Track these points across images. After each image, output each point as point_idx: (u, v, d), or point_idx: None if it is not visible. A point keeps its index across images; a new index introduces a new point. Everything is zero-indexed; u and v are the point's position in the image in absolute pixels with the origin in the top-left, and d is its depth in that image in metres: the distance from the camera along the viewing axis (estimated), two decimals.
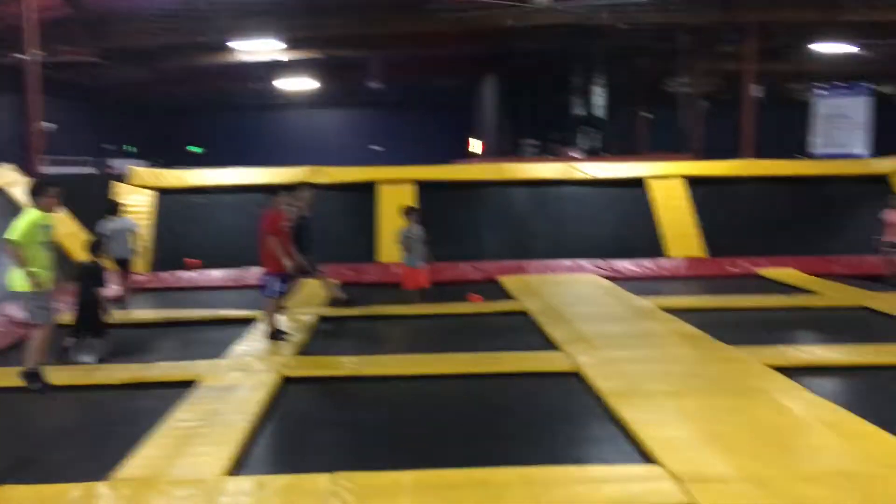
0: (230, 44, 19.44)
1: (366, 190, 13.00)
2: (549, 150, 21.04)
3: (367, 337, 8.33)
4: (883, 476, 4.24)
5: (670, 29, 18.12)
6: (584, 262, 12.07)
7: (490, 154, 23.13)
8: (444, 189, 13.14)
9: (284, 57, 21.35)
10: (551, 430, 5.27)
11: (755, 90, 18.13)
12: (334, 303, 9.37)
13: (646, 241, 12.56)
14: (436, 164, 14.78)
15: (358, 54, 21.45)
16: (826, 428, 4.96)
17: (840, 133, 16.92)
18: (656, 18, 16.89)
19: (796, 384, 5.89)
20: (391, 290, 10.17)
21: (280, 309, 8.04)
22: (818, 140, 17.21)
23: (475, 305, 9.54)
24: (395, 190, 12.80)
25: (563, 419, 5.52)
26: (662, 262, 12.22)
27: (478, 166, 14.29)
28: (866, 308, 9.05)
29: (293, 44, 19.35)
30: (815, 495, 3.97)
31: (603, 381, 6.00)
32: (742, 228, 12.75)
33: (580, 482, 4.18)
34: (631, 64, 22.26)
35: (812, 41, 18.07)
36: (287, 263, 7.70)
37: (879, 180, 13.31)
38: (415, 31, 17.47)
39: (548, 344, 7.51)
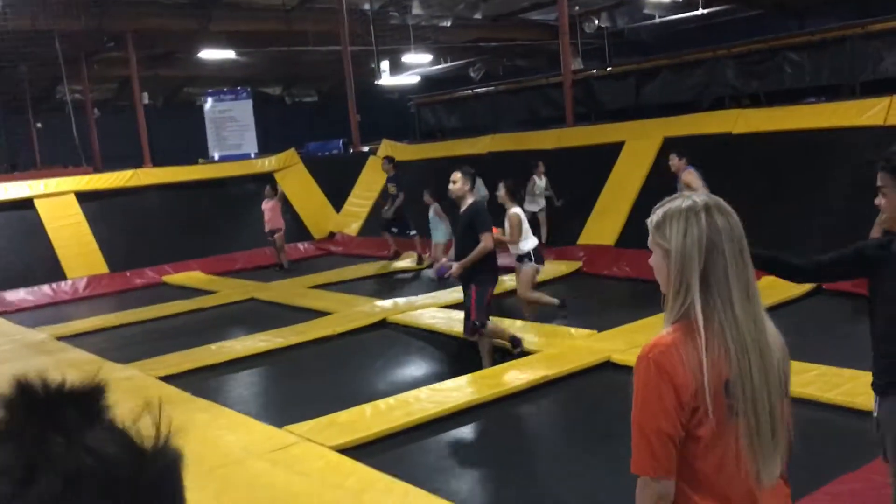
0: None
1: None
2: None
3: None
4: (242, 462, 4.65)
5: (46, 35, 16.98)
6: None
7: None
8: None
9: None
10: None
11: (144, 97, 18.20)
12: None
13: (43, 265, 11.68)
14: None
15: None
16: (200, 429, 5.26)
17: (231, 135, 18.11)
18: (22, 24, 15.64)
19: (180, 390, 6.14)
20: None
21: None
22: (213, 143, 18.15)
23: None
24: None
25: None
26: (62, 284, 11.53)
27: None
28: (255, 299, 9.95)
29: None
30: None
31: None
32: (145, 238, 12.75)
33: None
34: (16, 72, 20.31)
35: (196, 48, 18.84)
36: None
37: (267, 177, 14.67)
38: None
39: None
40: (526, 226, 7.22)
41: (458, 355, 6.84)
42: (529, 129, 13.54)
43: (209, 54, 19.14)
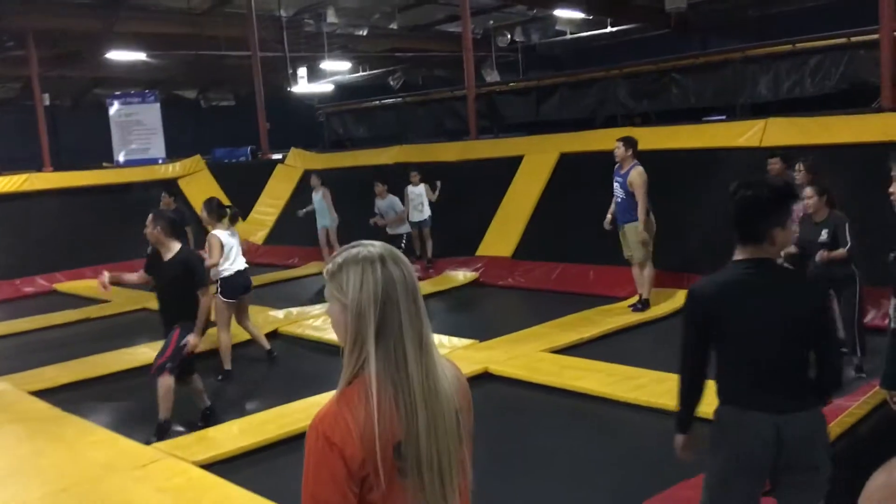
0: None
1: None
2: None
3: None
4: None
5: None
6: None
7: None
8: None
9: None
10: None
11: (46, 97, 17.60)
12: None
13: None
14: None
15: None
16: (65, 446, 5.15)
17: (137, 139, 17.64)
18: None
19: (55, 408, 5.97)
20: None
21: None
22: (118, 147, 17.66)
23: None
24: None
25: None
26: None
27: None
28: (147, 309, 9.74)
29: None
30: None
31: None
32: (38, 245, 12.34)
33: None
34: None
35: (103, 49, 18.32)
36: None
37: (171, 183, 14.38)
38: None
39: None
40: (232, 250, 6.80)
41: None
42: (435, 140, 13.69)
43: (117, 55, 18.66)
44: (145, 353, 7.50)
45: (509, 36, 20.47)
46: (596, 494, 4.32)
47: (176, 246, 5.55)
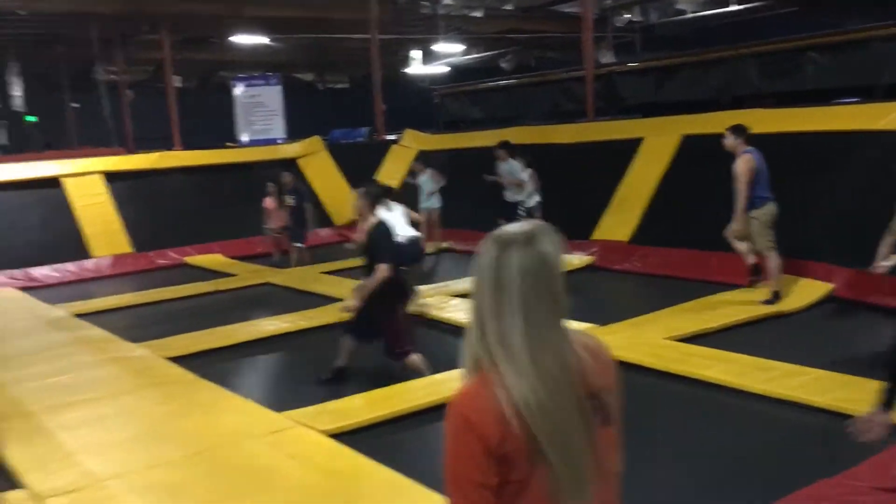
0: None
1: None
2: None
3: None
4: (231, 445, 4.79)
5: (84, 17, 17.33)
6: None
7: None
8: None
9: None
10: None
11: (178, 80, 18.48)
12: None
13: (68, 243, 11.99)
14: None
15: None
16: (201, 410, 5.43)
17: (259, 120, 18.30)
18: (61, 7, 15.98)
19: (190, 373, 6.29)
20: None
21: None
22: (241, 128, 18.37)
23: None
24: None
25: None
26: (86, 263, 11.84)
27: None
28: (270, 283, 10.14)
29: None
30: (169, 479, 4.32)
31: None
32: (170, 219, 13.01)
33: None
34: (52, 52, 20.75)
35: (229, 33, 19.07)
36: None
37: (291, 163, 14.84)
38: None
39: None
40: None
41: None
42: (551, 122, 13.53)
43: (242, 39, 19.38)
44: (271, 325, 7.82)
45: (627, 16, 19.97)
46: (727, 488, 4.19)
47: (374, 219, 5.90)
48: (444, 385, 5.68)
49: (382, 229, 5.92)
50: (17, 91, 20.32)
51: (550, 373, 1.53)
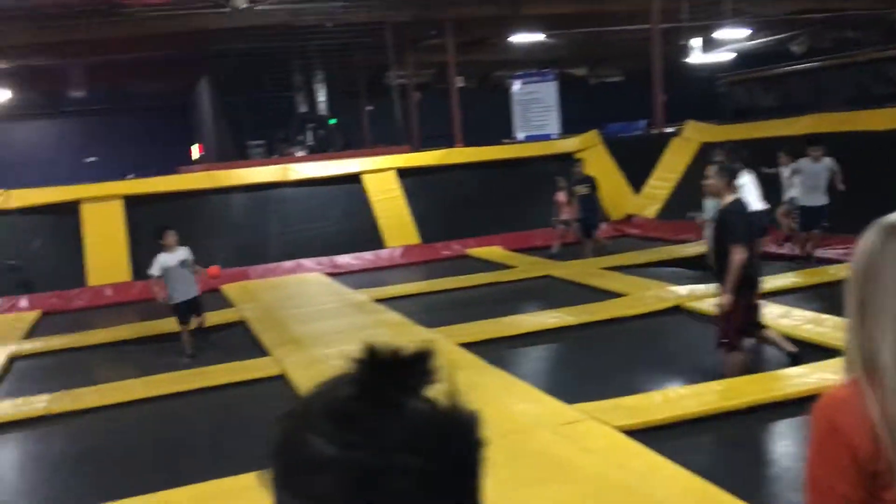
0: None
1: (67, 211, 12.14)
2: (276, 150, 20.98)
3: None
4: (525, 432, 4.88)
5: (377, 25, 18.84)
6: (306, 262, 12.31)
7: (210, 158, 22.50)
8: (157, 202, 12.65)
9: None
10: (247, 437, 5.42)
11: (459, 80, 19.36)
12: None
13: (366, 234, 13.06)
14: (158, 170, 14.39)
15: (52, 62, 19.83)
16: (493, 396, 5.60)
17: (535, 116, 18.61)
18: (361, 17, 17.47)
19: (477, 357, 6.54)
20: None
21: None
22: (518, 124, 18.81)
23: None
24: (102, 208, 12.12)
25: (261, 425, 5.68)
26: (381, 252, 12.82)
27: (191, 175, 13.96)
28: (550, 276, 10.22)
29: None
30: None
31: (307, 381, 6.24)
32: (452, 213, 13.67)
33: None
34: (349, 60, 22.84)
35: (507, 33, 19.63)
36: None
37: (567, 157, 14.90)
38: (109, 35, 16.53)
39: (260, 350, 7.65)
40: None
41: (755, 351, 6.45)
42: (858, 108, 12.19)
43: (519, 38, 19.83)
44: (552, 317, 7.88)
45: None
46: None
47: (730, 198, 5.47)
48: (744, 389, 5.33)
49: (738, 207, 5.45)
50: (321, 97, 22.55)
51: None
